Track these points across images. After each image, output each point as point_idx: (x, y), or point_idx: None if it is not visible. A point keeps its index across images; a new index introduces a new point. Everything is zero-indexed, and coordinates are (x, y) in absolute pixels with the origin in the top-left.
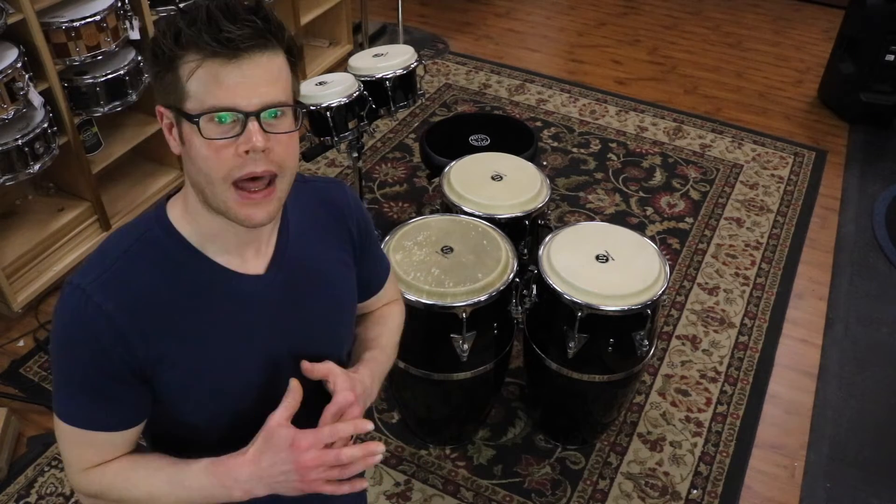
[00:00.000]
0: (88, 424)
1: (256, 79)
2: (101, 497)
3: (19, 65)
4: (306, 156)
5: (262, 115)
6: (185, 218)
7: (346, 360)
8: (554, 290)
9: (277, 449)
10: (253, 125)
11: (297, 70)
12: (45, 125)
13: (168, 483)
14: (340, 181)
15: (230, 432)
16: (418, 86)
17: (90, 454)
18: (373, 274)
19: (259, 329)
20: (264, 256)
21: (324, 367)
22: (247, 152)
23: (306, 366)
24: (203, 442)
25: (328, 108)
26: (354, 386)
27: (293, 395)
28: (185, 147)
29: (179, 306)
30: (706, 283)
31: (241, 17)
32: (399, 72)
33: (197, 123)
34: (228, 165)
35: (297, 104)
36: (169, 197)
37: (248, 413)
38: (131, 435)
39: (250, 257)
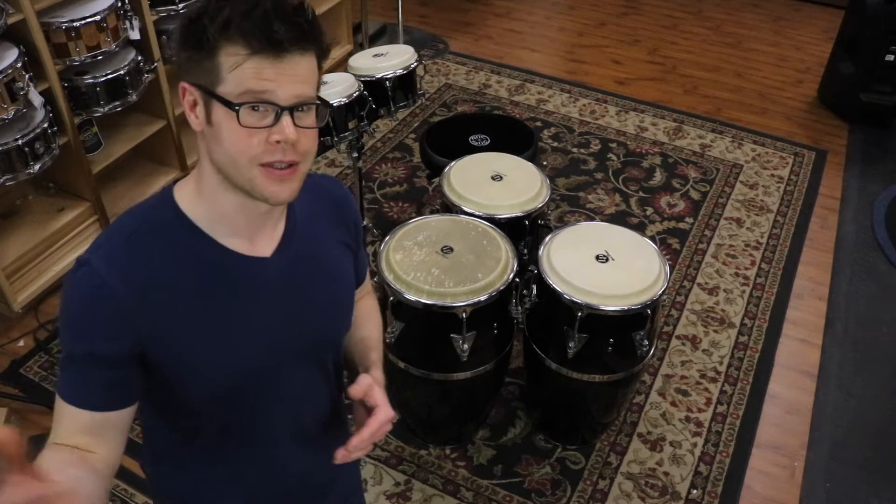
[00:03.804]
0: (77, 400)
1: (295, 77)
2: None
3: (19, 65)
4: None
5: (295, 110)
6: (194, 199)
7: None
8: (554, 290)
9: None
10: (286, 119)
11: (321, 71)
12: (45, 125)
13: None
14: (336, 179)
15: (228, 412)
16: (418, 86)
17: (69, 428)
18: (359, 267)
19: (263, 311)
20: (272, 240)
21: (363, 386)
22: (277, 142)
23: (353, 391)
24: (205, 420)
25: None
26: (390, 410)
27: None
28: (213, 128)
29: (183, 287)
30: (706, 283)
31: (290, 18)
32: (399, 72)
33: (237, 112)
34: (256, 150)
35: (322, 102)
36: (174, 182)
37: (250, 394)
38: (115, 420)
39: (259, 240)
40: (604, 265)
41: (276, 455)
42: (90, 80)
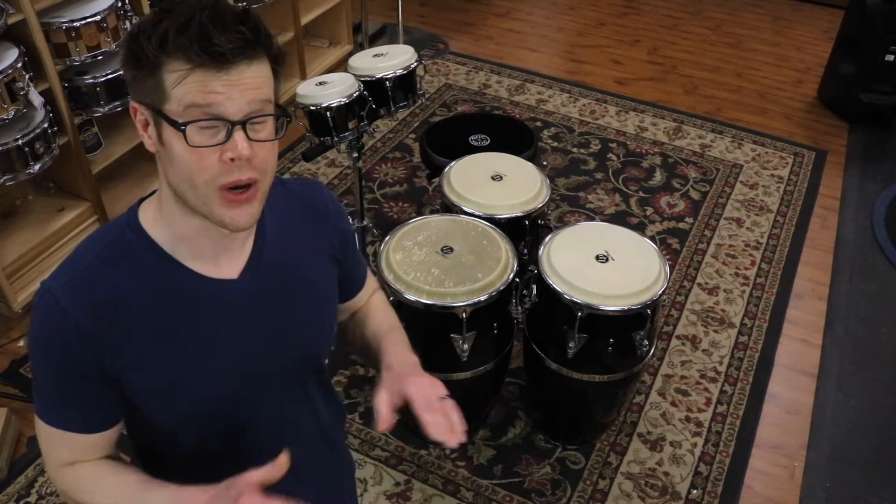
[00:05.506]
0: (61, 424)
1: (243, 88)
2: (71, 495)
3: (19, 65)
4: (306, 156)
5: (248, 123)
6: (157, 221)
7: (325, 364)
8: (554, 290)
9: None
10: (239, 134)
11: (280, 77)
12: (46, 125)
13: (131, 499)
14: (319, 183)
15: (203, 437)
16: (418, 86)
17: (64, 452)
18: (353, 276)
19: (232, 335)
20: (238, 261)
21: (383, 413)
22: (232, 160)
23: (381, 427)
24: (177, 446)
25: (328, 108)
26: (420, 376)
27: (277, 468)
28: (165, 148)
29: (149, 311)
30: (706, 283)
31: (231, 28)
32: (399, 72)
33: (183, 131)
34: (213, 171)
35: (279, 112)
36: (141, 200)
37: (221, 417)
38: (103, 439)
39: (224, 262)
40: (604, 265)
41: None
42: (90, 80)
